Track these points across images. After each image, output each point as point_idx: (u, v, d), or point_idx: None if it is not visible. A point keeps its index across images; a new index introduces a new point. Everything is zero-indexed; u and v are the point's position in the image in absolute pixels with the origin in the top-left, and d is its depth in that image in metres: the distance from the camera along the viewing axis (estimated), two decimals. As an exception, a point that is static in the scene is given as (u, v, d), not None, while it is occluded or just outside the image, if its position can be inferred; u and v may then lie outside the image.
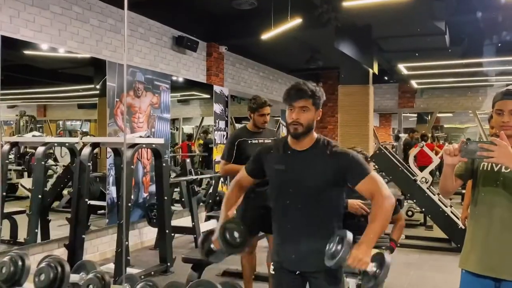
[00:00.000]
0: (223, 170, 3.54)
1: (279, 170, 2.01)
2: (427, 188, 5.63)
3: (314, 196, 1.95)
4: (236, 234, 1.83)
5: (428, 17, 6.18)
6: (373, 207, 1.89)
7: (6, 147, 4.38)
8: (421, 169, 6.07)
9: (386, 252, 1.86)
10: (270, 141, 3.54)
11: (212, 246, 1.92)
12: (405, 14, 6.00)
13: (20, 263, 1.53)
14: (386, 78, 11.39)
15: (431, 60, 8.81)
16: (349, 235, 1.70)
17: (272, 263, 2.14)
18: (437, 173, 9.03)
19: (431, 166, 6.17)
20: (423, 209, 5.81)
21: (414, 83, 11.35)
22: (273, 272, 2.10)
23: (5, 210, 4.35)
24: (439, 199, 5.59)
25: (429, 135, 11.22)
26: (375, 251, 1.79)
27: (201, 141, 9.23)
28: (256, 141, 3.49)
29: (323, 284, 1.98)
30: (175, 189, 6.62)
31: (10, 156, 5.04)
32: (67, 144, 4.81)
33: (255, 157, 2.15)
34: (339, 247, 1.70)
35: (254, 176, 2.15)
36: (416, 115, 14.49)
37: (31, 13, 4.46)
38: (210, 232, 1.97)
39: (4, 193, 4.25)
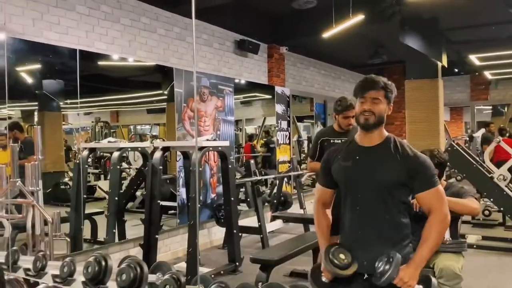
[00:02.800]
0: (309, 167, 3.67)
1: (347, 166, 1.97)
2: (506, 186, 5.26)
3: (383, 193, 1.90)
4: (342, 256, 1.83)
5: (503, 4, 5.79)
6: (428, 224, 1.85)
7: (85, 153, 4.68)
8: (498, 164, 5.68)
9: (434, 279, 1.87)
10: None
11: (323, 279, 1.92)
12: (476, 3, 5.67)
13: (103, 263, 1.63)
14: (456, 70, 10.80)
15: (506, 49, 8.24)
16: (398, 256, 1.71)
17: None
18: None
19: (510, 162, 5.76)
20: (502, 208, 5.44)
21: (487, 74, 10.66)
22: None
23: (86, 211, 4.65)
24: (519, 198, 5.20)
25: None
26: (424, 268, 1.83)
27: (262, 141, 9.31)
28: (339, 141, 3.49)
29: None
30: (241, 190, 6.73)
31: (88, 160, 5.39)
32: (139, 149, 5.06)
33: (323, 165, 2.13)
34: (387, 266, 1.72)
35: (330, 186, 2.11)
36: (490, 107, 13.61)
37: (104, 27, 4.76)
38: (317, 266, 1.98)
39: (85, 195, 4.54)
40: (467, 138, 9.78)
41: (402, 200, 1.94)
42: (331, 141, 3.49)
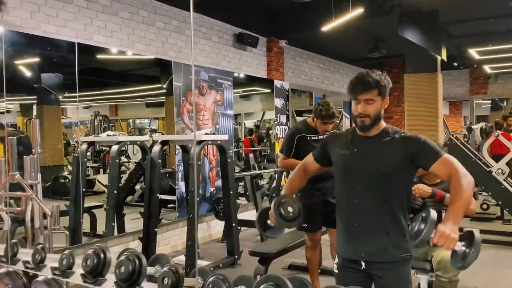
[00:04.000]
0: (281, 163, 3.56)
1: (345, 154, 1.98)
2: (504, 180, 5.27)
3: (382, 181, 1.89)
4: (290, 209, 1.87)
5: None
6: (452, 187, 1.77)
7: (84, 146, 4.68)
8: (495, 158, 5.69)
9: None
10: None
11: (268, 221, 1.97)
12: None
13: (102, 255, 1.63)
14: (455, 64, 10.79)
15: (507, 43, 8.22)
16: (433, 213, 1.58)
17: (335, 261, 2.10)
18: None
19: (508, 156, 5.77)
20: (500, 202, 5.46)
21: (487, 68, 10.65)
22: (337, 271, 2.06)
23: (85, 205, 4.65)
24: (517, 192, 5.22)
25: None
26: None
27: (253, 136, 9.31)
28: (316, 138, 3.46)
29: (390, 285, 1.93)
30: (240, 183, 6.75)
31: (87, 154, 5.39)
32: (138, 142, 5.05)
33: (322, 143, 2.15)
34: (422, 225, 1.59)
35: (320, 163, 2.13)
36: (490, 101, 13.60)
37: (103, 20, 4.74)
38: (267, 208, 2.01)
39: (84, 189, 4.55)
40: (466, 132, 9.77)
41: (402, 188, 1.93)
42: (308, 138, 3.45)
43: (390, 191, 1.90)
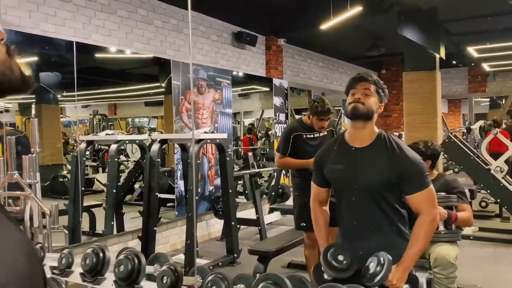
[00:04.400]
0: (278, 163, 3.55)
1: (339, 170, 1.97)
2: (503, 178, 5.28)
3: (376, 194, 1.91)
4: (341, 258, 1.82)
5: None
6: (417, 225, 1.87)
7: (83, 145, 4.68)
8: (494, 156, 5.70)
9: (422, 274, 1.96)
10: (326, 133, 3.50)
11: (325, 276, 1.91)
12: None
13: (101, 254, 1.64)
14: (454, 62, 10.79)
15: (505, 41, 8.22)
16: (389, 258, 1.73)
17: None
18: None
19: (507, 154, 5.78)
20: (498, 200, 5.47)
21: (485, 66, 10.66)
22: None
23: (84, 204, 4.65)
24: (516, 189, 5.23)
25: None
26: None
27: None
28: (312, 136, 3.46)
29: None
30: (239, 182, 6.76)
31: (86, 153, 5.39)
32: (137, 141, 5.05)
33: (315, 166, 2.12)
34: (378, 268, 1.74)
35: (325, 185, 2.11)
36: (488, 99, 13.61)
37: (101, 19, 4.73)
38: (319, 265, 1.97)
39: (83, 188, 4.55)
40: (465, 130, 9.78)
41: (395, 200, 1.95)
42: (304, 136, 3.44)
43: (384, 202, 1.93)
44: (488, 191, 5.46)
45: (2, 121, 4.14)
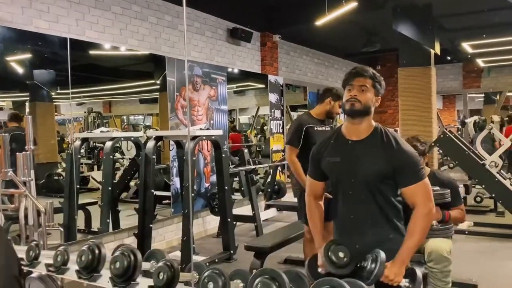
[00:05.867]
0: (290, 159, 3.48)
1: (336, 162, 1.97)
2: (497, 173, 5.31)
3: (372, 186, 1.91)
4: (341, 254, 1.81)
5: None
6: (413, 219, 1.86)
7: (78, 143, 4.65)
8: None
9: (418, 268, 1.91)
10: (329, 128, 3.53)
11: (320, 270, 1.92)
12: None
13: (97, 251, 1.63)
14: (449, 58, 10.82)
15: (500, 37, 8.25)
16: (383, 254, 1.73)
17: None
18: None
19: (502, 149, 5.81)
20: (493, 195, 5.50)
21: (480, 61, 10.69)
22: None
23: (79, 202, 4.63)
24: (510, 184, 5.26)
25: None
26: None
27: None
28: (321, 128, 3.50)
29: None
30: (235, 179, 6.75)
31: (81, 151, 5.36)
32: (132, 138, 5.03)
33: (312, 159, 2.11)
34: (373, 265, 1.73)
35: (321, 179, 2.10)
36: (483, 95, 13.67)
37: (95, 15, 4.70)
38: (313, 257, 1.98)
39: (78, 186, 4.53)
40: (459, 126, 9.82)
41: (392, 193, 1.95)
42: (315, 128, 3.48)
43: (380, 195, 1.92)
44: (483, 186, 5.48)
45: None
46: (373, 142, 1.93)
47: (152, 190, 4.35)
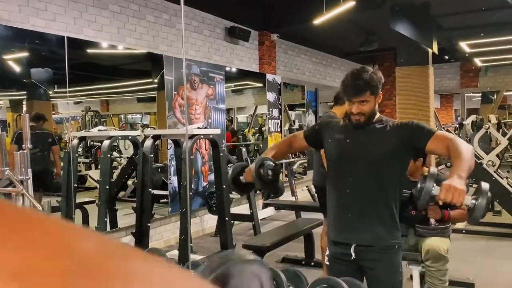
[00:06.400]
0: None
1: (340, 139, 2.01)
2: (494, 172, 5.33)
3: (376, 168, 1.93)
4: (269, 172, 1.83)
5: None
6: (452, 153, 1.74)
7: (75, 142, 4.64)
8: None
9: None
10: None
11: (241, 177, 1.92)
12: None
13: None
14: (446, 57, 10.84)
15: (497, 36, 8.27)
16: (433, 169, 1.61)
17: (326, 254, 2.12)
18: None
19: (499, 148, 5.83)
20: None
21: (477, 61, 10.71)
22: (327, 263, 2.09)
23: (77, 200, 4.62)
24: (507, 183, 5.28)
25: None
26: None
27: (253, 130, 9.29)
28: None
29: (381, 276, 1.95)
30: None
31: (78, 150, 5.36)
32: (130, 137, 5.01)
33: (316, 125, 2.20)
34: (423, 184, 1.59)
35: (309, 142, 2.16)
36: (480, 94, 13.70)
37: (92, 14, 4.69)
38: (246, 166, 1.99)
39: (75, 184, 4.52)
40: (457, 125, 9.84)
41: (395, 177, 1.96)
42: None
43: (384, 178, 1.93)
44: (480, 185, 5.49)
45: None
46: (380, 124, 2.00)
47: (150, 189, 4.34)
